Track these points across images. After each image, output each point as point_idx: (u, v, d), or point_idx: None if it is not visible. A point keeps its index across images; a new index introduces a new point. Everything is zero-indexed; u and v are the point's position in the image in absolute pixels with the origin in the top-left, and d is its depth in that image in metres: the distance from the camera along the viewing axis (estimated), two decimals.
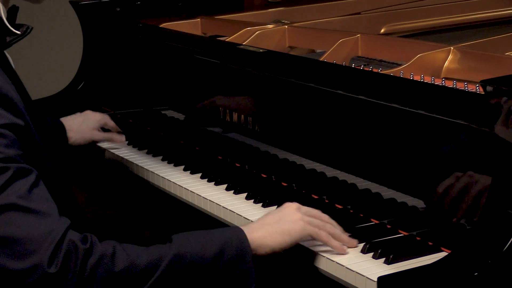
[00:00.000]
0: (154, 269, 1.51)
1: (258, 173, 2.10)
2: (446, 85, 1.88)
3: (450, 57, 2.03)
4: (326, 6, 2.81)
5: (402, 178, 1.74)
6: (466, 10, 2.73)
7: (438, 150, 1.66)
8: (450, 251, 1.55)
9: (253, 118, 2.13)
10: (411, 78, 1.94)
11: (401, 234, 1.72)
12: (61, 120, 2.38)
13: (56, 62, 4.12)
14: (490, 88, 1.48)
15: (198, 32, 2.72)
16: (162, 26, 2.64)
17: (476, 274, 1.40)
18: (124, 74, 2.72)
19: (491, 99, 1.49)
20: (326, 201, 1.91)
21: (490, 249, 1.43)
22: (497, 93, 1.47)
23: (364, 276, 1.55)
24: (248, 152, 2.16)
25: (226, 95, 2.25)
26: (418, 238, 1.69)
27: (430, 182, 1.67)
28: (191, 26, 2.71)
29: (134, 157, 2.33)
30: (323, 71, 1.98)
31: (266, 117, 2.09)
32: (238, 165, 2.19)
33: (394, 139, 1.76)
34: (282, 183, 2.03)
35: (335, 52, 2.19)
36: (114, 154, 2.37)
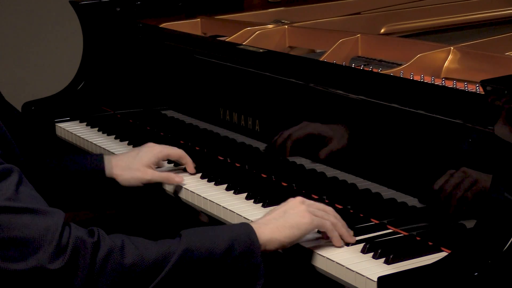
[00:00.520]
0: (164, 263, 1.51)
1: (258, 173, 2.10)
2: (446, 85, 1.89)
3: (450, 57, 2.03)
4: (326, 6, 2.81)
5: (402, 178, 1.74)
6: (466, 10, 2.73)
7: (438, 150, 1.66)
8: (450, 251, 1.55)
9: (253, 118, 2.13)
10: (411, 78, 1.94)
11: (401, 234, 1.72)
12: (107, 157, 2.09)
13: (56, 62, 4.12)
14: (490, 88, 1.48)
15: (198, 32, 2.72)
16: (162, 26, 2.64)
17: (476, 274, 1.40)
18: (124, 74, 2.72)
19: (491, 99, 1.49)
20: (326, 201, 1.91)
21: (490, 249, 1.43)
22: (497, 93, 1.47)
23: (364, 276, 1.55)
24: (248, 152, 2.16)
25: (226, 95, 2.25)
26: (418, 238, 1.69)
27: (430, 182, 1.67)
28: (191, 26, 2.71)
29: None
30: (323, 71, 1.98)
31: (266, 117, 2.09)
32: (238, 165, 2.19)
33: (394, 139, 1.76)
34: (282, 183, 2.03)
35: (335, 52, 2.19)
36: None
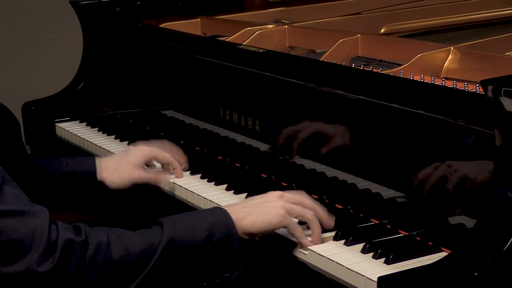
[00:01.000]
0: (150, 254, 1.55)
1: (258, 173, 2.10)
2: (446, 85, 1.89)
3: (450, 57, 2.03)
4: (326, 6, 2.81)
5: (402, 178, 1.74)
6: (466, 10, 2.73)
7: (438, 150, 1.66)
8: (450, 251, 1.55)
9: (253, 118, 2.13)
10: (411, 78, 1.94)
11: (401, 234, 1.72)
12: (98, 160, 2.07)
13: (56, 62, 4.12)
14: (490, 88, 1.48)
15: (198, 32, 2.72)
16: (162, 26, 2.64)
17: (476, 274, 1.40)
18: (124, 74, 2.72)
19: (491, 99, 1.49)
20: (326, 201, 1.91)
21: (490, 249, 1.43)
22: (497, 93, 1.47)
23: (364, 276, 1.55)
24: (248, 152, 2.16)
25: (226, 95, 2.25)
26: (418, 238, 1.69)
27: (430, 182, 1.67)
28: (191, 26, 2.71)
29: None
30: (323, 71, 1.98)
31: (266, 117, 2.09)
32: (238, 165, 2.19)
33: (394, 139, 1.76)
34: (282, 183, 2.03)
35: (335, 52, 2.19)
36: (112, 153, 2.37)
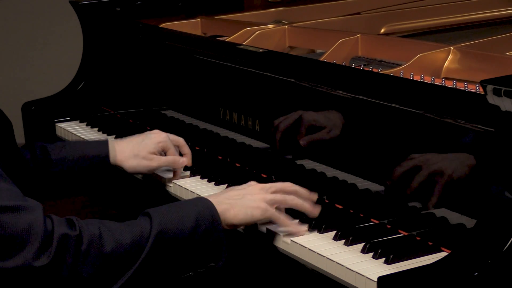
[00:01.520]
0: (141, 247, 1.58)
1: (258, 173, 2.10)
2: (446, 85, 1.89)
3: (450, 57, 2.03)
4: (326, 6, 2.81)
5: (402, 178, 1.74)
6: (466, 10, 2.73)
7: (438, 150, 1.66)
8: (450, 251, 1.55)
9: (253, 118, 2.13)
10: (411, 78, 1.94)
11: (401, 234, 1.72)
12: (112, 142, 2.08)
13: (56, 62, 4.12)
14: (490, 88, 1.48)
15: (198, 32, 2.72)
16: (162, 26, 2.64)
17: (476, 274, 1.40)
18: (124, 74, 2.72)
19: (491, 99, 1.49)
20: (326, 201, 1.91)
21: (490, 249, 1.43)
22: (497, 93, 1.47)
23: (364, 276, 1.55)
24: (248, 152, 2.16)
25: (226, 95, 2.25)
26: (418, 238, 1.69)
27: (430, 182, 1.67)
28: (191, 26, 2.71)
29: None
30: (323, 71, 1.98)
31: (266, 117, 2.09)
32: (238, 165, 2.19)
33: (394, 139, 1.76)
34: None
35: (335, 52, 2.19)
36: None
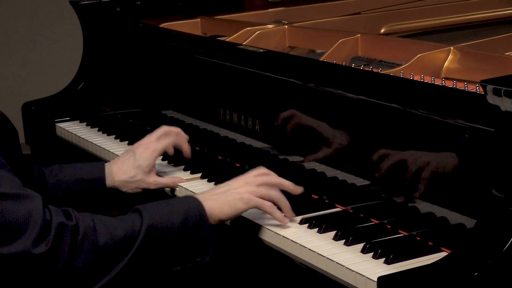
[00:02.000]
0: (133, 240, 1.62)
1: None
2: (446, 85, 1.89)
3: (450, 57, 2.03)
4: (326, 6, 2.81)
5: (402, 178, 1.74)
6: (466, 10, 2.73)
7: (438, 150, 1.66)
8: (450, 251, 1.55)
9: (253, 118, 2.13)
10: (411, 78, 1.94)
11: (401, 234, 1.72)
12: (108, 165, 2.06)
13: (56, 62, 4.12)
14: (490, 88, 1.48)
15: (198, 32, 2.72)
16: (162, 26, 2.64)
17: (476, 274, 1.40)
18: (124, 74, 2.72)
19: (491, 99, 1.49)
20: (326, 201, 1.91)
21: (490, 249, 1.43)
22: (497, 93, 1.47)
23: (364, 276, 1.55)
24: (248, 152, 2.16)
25: (226, 95, 2.25)
26: (418, 238, 1.69)
27: (429, 182, 1.67)
28: (191, 26, 2.71)
29: None
30: (323, 71, 1.98)
31: (266, 117, 2.09)
32: (238, 165, 2.19)
33: (393, 139, 1.76)
34: None
35: (335, 52, 2.19)
36: (113, 155, 2.37)
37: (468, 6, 2.74)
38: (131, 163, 2.06)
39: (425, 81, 1.94)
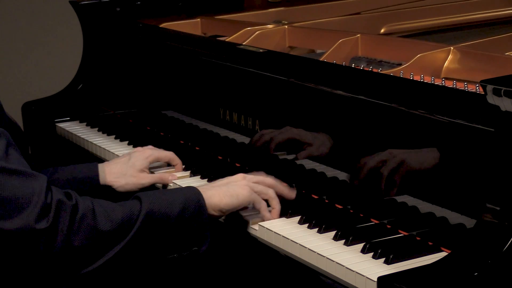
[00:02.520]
0: (130, 224, 1.66)
1: None
2: (446, 85, 1.89)
3: (450, 57, 2.03)
4: (326, 6, 2.81)
5: (401, 178, 1.74)
6: (466, 10, 2.73)
7: (437, 150, 1.66)
8: (450, 251, 1.55)
9: (253, 118, 2.13)
10: (411, 78, 1.94)
11: (401, 234, 1.72)
12: (101, 165, 2.12)
13: (56, 62, 4.12)
14: (490, 88, 1.48)
15: (198, 32, 2.72)
16: (162, 26, 2.64)
17: (476, 274, 1.40)
18: (124, 74, 2.72)
19: (491, 99, 1.49)
20: (326, 201, 1.91)
21: (490, 249, 1.43)
22: (497, 93, 1.47)
23: (364, 276, 1.55)
24: (248, 152, 2.16)
25: (226, 95, 2.25)
26: (418, 238, 1.69)
27: (429, 182, 1.67)
28: (191, 26, 2.71)
29: None
30: (323, 71, 1.98)
31: (266, 117, 2.09)
32: (238, 165, 2.19)
33: (394, 139, 1.76)
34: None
35: (335, 52, 2.19)
36: (113, 155, 2.37)
37: (468, 6, 2.74)
38: (125, 162, 2.12)
39: (425, 81, 1.94)
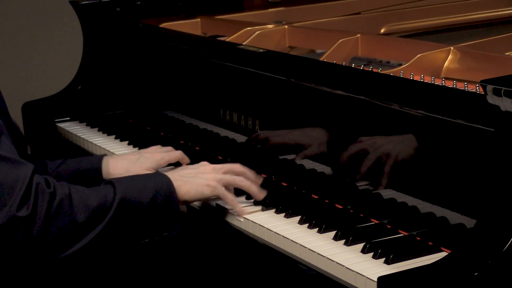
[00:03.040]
0: (105, 211, 1.70)
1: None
2: (446, 85, 1.88)
3: (450, 57, 2.03)
4: (326, 6, 2.81)
5: (402, 178, 1.74)
6: (466, 10, 2.73)
7: (437, 150, 1.66)
8: (450, 251, 1.55)
9: (253, 118, 2.13)
10: (411, 78, 1.94)
11: (401, 234, 1.72)
12: (106, 158, 2.11)
13: (56, 62, 4.11)
14: (490, 88, 1.48)
15: (198, 32, 2.72)
16: (162, 26, 2.64)
17: (476, 274, 1.40)
18: (124, 74, 2.72)
19: (491, 99, 1.49)
20: (326, 201, 1.91)
21: (490, 249, 1.43)
22: (497, 93, 1.47)
23: (364, 276, 1.55)
24: (248, 152, 2.16)
25: (226, 95, 2.25)
26: (418, 238, 1.69)
27: (429, 181, 1.67)
28: (191, 26, 2.71)
29: None
30: (323, 71, 1.98)
31: (266, 117, 2.09)
32: None
33: (393, 139, 1.76)
34: (282, 183, 2.03)
35: (335, 52, 2.19)
36: (113, 155, 2.37)
37: (468, 6, 2.73)
38: (132, 161, 2.10)
39: (425, 81, 1.94)
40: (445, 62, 2.02)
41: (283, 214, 1.85)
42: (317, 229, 1.76)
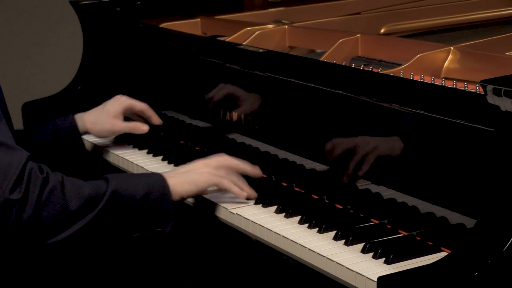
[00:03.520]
0: (97, 201, 1.73)
1: None
2: (446, 85, 1.88)
3: (450, 57, 2.03)
4: (326, 6, 2.81)
5: (402, 178, 1.74)
6: (466, 10, 2.73)
7: (437, 150, 1.66)
8: (450, 251, 1.55)
9: (253, 118, 2.13)
10: (411, 78, 1.94)
11: (401, 234, 1.72)
12: (79, 114, 2.31)
13: (56, 62, 4.12)
14: (490, 88, 1.48)
15: (198, 32, 2.72)
16: (162, 26, 2.64)
17: (476, 274, 1.40)
18: (124, 74, 2.72)
19: (491, 99, 1.49)
20: (326, 201, 1.91)
21: (490, 249, 1.43)
22: (497, 93, 1.47)
23: (364, 276, 1.55)
24: (248, 152, 2.16)
25: (226, 95, 2.24)
26: (418, 238, 1.69)
27: (428, 181, 1.67)
28: (191, 26, 2.71)
29: (134, 157, 2.33)
30: (323, 71, 1.98)
31: (266, 117, 2.09)
32: None
33: (394, 139, 1.76)
34: (282, 183, 2.03)
35: (335, 52, 2.19)
36: (113, 154, 2.37)
37: (468, 6, 2.73)
38: (100, 109, 2.31)
39: (425, 81, 1.94)
40: (445, 62, 2.02)
41: (283, 214, 1.85)
42: (317, 229, 1.76)
